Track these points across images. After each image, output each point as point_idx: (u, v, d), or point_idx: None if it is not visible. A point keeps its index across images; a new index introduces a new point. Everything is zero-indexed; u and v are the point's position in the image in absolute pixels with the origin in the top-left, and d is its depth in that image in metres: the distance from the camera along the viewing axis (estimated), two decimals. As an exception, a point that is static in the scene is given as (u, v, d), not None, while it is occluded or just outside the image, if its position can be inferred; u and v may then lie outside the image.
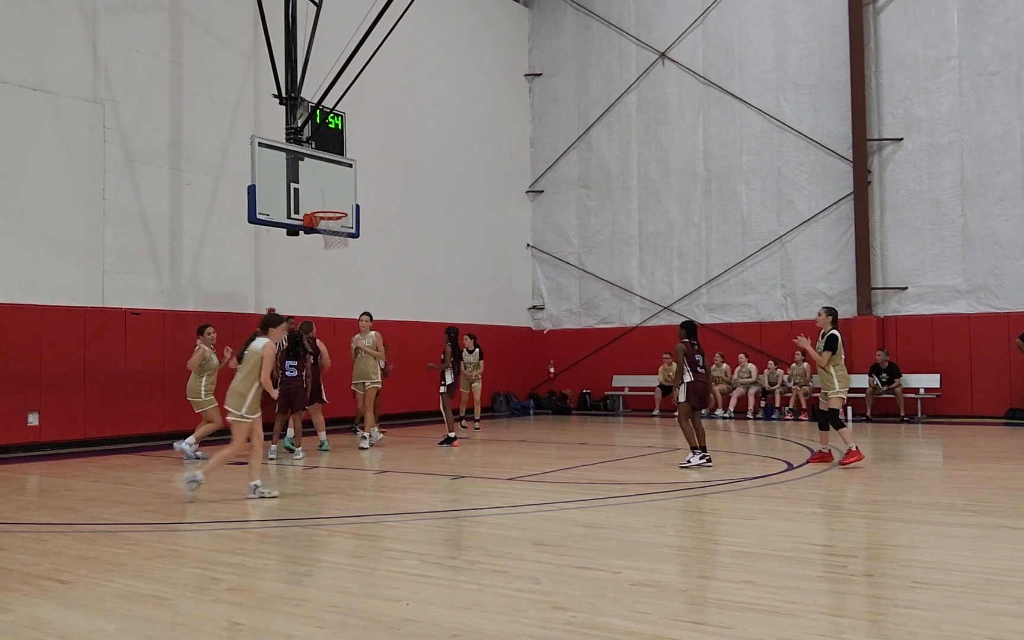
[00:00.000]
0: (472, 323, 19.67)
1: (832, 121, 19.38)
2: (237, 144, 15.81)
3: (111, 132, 14.55)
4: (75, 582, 5.45)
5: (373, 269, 18.75)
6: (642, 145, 21.94)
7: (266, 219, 13.15)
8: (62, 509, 8.34)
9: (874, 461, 11.82)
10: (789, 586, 5.09)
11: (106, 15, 14.55)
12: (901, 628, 4.32)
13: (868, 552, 6.36)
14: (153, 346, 14.94)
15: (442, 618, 4.56)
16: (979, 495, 8.47)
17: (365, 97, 16.33)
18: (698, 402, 10.74)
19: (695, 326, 11.08)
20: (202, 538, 6.84)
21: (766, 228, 20.21)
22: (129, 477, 10.60)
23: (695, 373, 10.63)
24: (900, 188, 18.70)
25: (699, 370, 10.69)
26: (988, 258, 17.75)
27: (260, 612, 4.78)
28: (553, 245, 23.35)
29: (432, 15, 19.80)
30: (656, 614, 4.58)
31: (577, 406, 22.39)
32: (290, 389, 12.16)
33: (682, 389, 10.67)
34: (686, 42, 21.26)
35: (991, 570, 5.42)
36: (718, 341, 20.43)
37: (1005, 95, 17.61)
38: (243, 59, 16.47)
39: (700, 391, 10.73)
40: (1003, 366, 17.34)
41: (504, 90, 23.05)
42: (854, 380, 18.37)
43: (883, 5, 18.94)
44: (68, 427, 13.82)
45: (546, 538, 6.61)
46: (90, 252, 14.24)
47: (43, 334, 13.55)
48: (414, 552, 6.35)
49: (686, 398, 10.63)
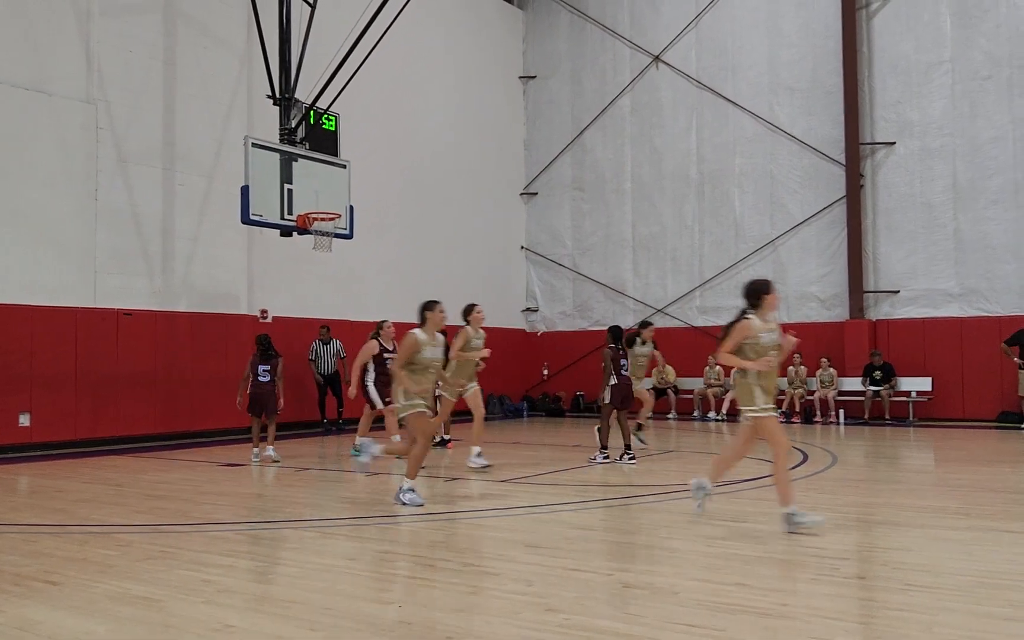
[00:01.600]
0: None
1: (825, 125, 19.43)
2: (230, 144, 15.77)
3: (104, 132, 14.50)
4: (65, 583, 5.42)
5: (367, 270, 18.73)
6: (636, 148, 21.97)
7: (259, 220, 13.12)
8: (53, 510, 8.30)
9: (867, 464, 11.85)
10: (782, 588, 5.10)
11: (100, 15, 14.49)
12: (893, 631, 4.33)
13: (860, 555, 6.37)
14: (145, 347, 14.89)
15: (435, 620, 4.55)
16: (971, 498, 8.50)
17: (359, 99, 16.29)
18: (620, 403, 11.41)
19: (621, 331, 11.82)
20: (193, 540, 6.82)
21: (759, 231, 20.25)
22: (120, 478, 10.56)
23: (619, 377, 11.35)
24: (892, 192, 18.76)
25: (623, 374, 11.42)
26: (980, 262, 17.81)
27: (251, 614, 4.76)
28: (547, 247, 23.36)
29: (426, 17, 19.78)
30: (649, 616, 4.58)
31: (571, 408, 22.39)
32: (262, 393, 11.90)
33: (607, 391, 11.36)
34: (680, 45, 21.30)
35: (983, 573, 5.43)
36: (711, 344, 20.45)
37: (997, 100, 17.68)
38: (237, 59, 16.43)
39: (623, 393, 11.41)
40: (995, 370, 17.39)
41: (498, 92, 23.06)
42: (847, 383, 18.64)
43: (876, 9, 19.00)
44: (59, 428, 13.77)
45: (539, 540, 6.61)
46: (82, 252, 14.19)
47: (35, 334, 13.49)
48: (407, 554, 6.34)
49: (610, 400, 11.35)
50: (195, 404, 15.54)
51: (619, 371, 11.35)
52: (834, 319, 19.28)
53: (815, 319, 19.51)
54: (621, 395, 11.39)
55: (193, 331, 15.57)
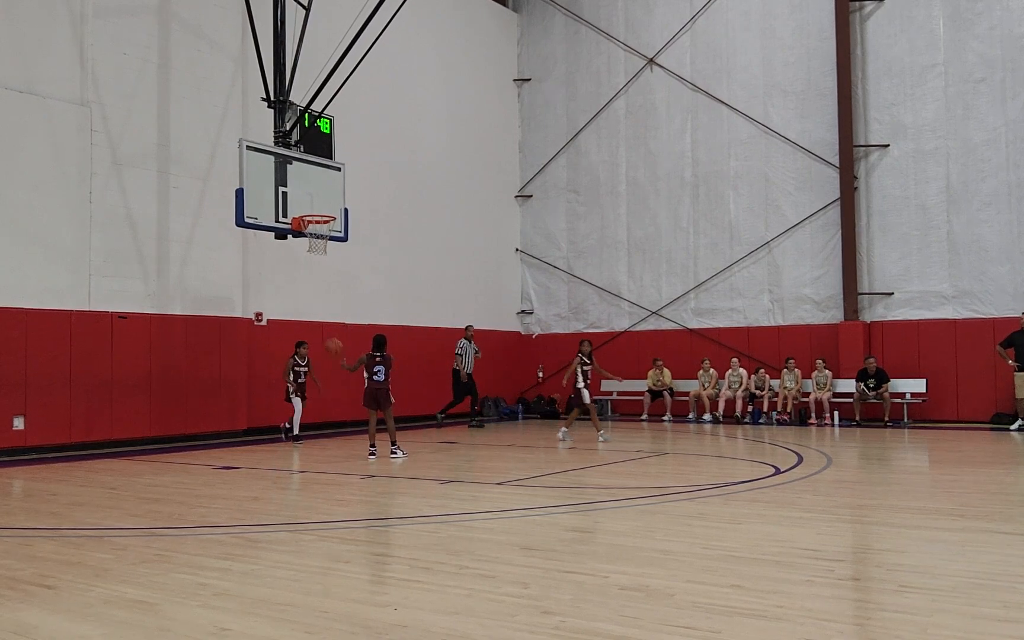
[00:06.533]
0: (461, 327, 19.68)
1: (819, 127, 19.49)
2: (225, 147, 15.77)
3: (98, 135, 14.48)
4: (61, 587, 5.41)
5: (362, 273, 18.74)
6: (630, 150, 22.00)
7: (254, 222, 13.11)
8: (48, 514, 8.28)
9: (861, 466, 11.87)
10: (777, 590, 5.11)
11: (94, 18, 14.48)
12: (888, 632, 4.34)
13: (855, 556, 6.38)
14: (140, 350, 14.86)
15: (430, 623, 4.55)
16: (965, 499, 8.52)
17: (354, 101, 16.31)
18: (371, 404, 12.63)
19: (384, 340, 12.93)
20: (189, 543, 6.81)
21: (753, 233, 20.29)
22: (115, 481, 10.54)
23: (371, 380, 12.60)
24: (886, 194, 18.81)
25: (374, 378, 12.59)
26: (973, 264, 17.87)
27: (247, 617, 4.76)
28: (542, 250, 23.38)
29: (421, 19, 19.81)
30: (645, 618, 4.59)
31: (565, 411, 22.35)
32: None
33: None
34: (674, 48, 21.34)
35: (978, 574, 5.45)
36: (705, 346, 20.50)
37: (990, 102, 17.74)
38: (231, 62, 16.42)
39: (371, 394, 12.62)
40: (989, 371, 17.45)
41: (493, 95, 23.08)
42: (841, 385, 18.69)
43: (870, 12, 19.06)
44: (54, 431, 13.74)
45: (534, 542, 6.61)
46: (77, 255, 14.17)
47: (29, 337, 13.47)
48: (402, 557, 6.34)
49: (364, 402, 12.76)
50: (190, 407, 15.52)
51: (372, 375, 12.59)
52: (828, 321, 19.33)
53: (809, 321, 19.56)
54: (369, 395, 12.62)
55: (188, 334, 15.55)
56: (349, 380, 15.09)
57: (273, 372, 16.46)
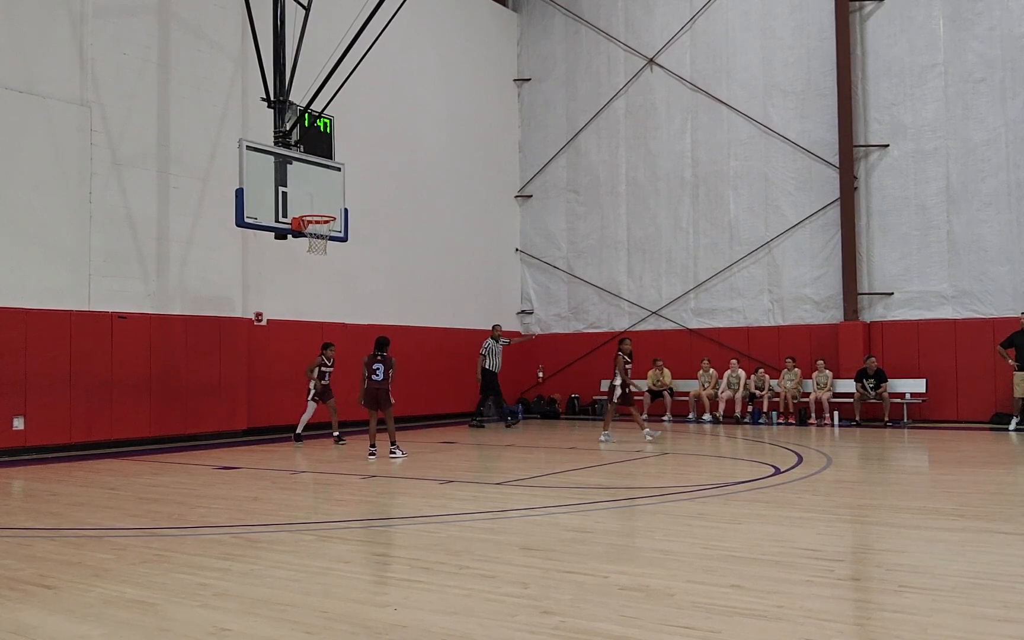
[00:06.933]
0: (461, 327, 19.69)
1: (819, 127, 19.49)
2: (225, 147, 15.77)
3: (98, 135, 14.48)
4: (61, 587, 5.41)
5: (362, 273, 18.73)
6: (630, 150, 22.00)
7: (254, 222, 13.10)
8: (48, 514, 8.28)
9: (861, 466, 11.88)
10: (777, 590, 5.11)
11: (94, 18, 14.48)
12: (888, 632, 4.34)
13: (855, 556, 6.39)
14: (140, 350, 14.86)
15: (430, 623, 4.55)
16: (965, 500, 8.52)
17: (354, 102, 16.30)
18: (371, 404, 12.70)
19: (386, 341, 13.02)
20: (189, 543, 6.81)
21: (753, 233, 20.29)
22: (115, 482, 10.54)
23: (370, 380, 12.66)
24: (886, 194, 18.81)
25: (373, 377, 12.64)
26: (973, 264, 17.87)
27: (247, 617, 4.76)
28: (542, 250, 23.37)
29: (421, 19, 19.80)
30: (645, 618, 4.59)
31: (565, 411, 22.39)
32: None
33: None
34: (674, 48, 21.34)
35: (978, 574, 5.45)
36: (705, 346, 20.49)
37: (990, 102, 17.74)
38: (231, 62, 16.42)
39: (370, 394, 12.69)
40: (988, 371, 17.44)
41: (493, 95, 23.07)
42: (840, 385, 18.68)
43: (870, 12, 19.06)
44: (54, 431, 13.74)
45: (534, 543, 6.61)
46: (77, 255, 14.16)
47: (29, 337, 13.46)
48: (402, 557, 6.34)
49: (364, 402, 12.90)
50: (190, 407, 15.52)
51: (371, 374, 12.64)
52: (828, 321, 19.33)
53: (809, 321, 19.56)
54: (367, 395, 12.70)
55: (187, 334, 15.55)
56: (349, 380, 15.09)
57: (273, 372, 16.46)
